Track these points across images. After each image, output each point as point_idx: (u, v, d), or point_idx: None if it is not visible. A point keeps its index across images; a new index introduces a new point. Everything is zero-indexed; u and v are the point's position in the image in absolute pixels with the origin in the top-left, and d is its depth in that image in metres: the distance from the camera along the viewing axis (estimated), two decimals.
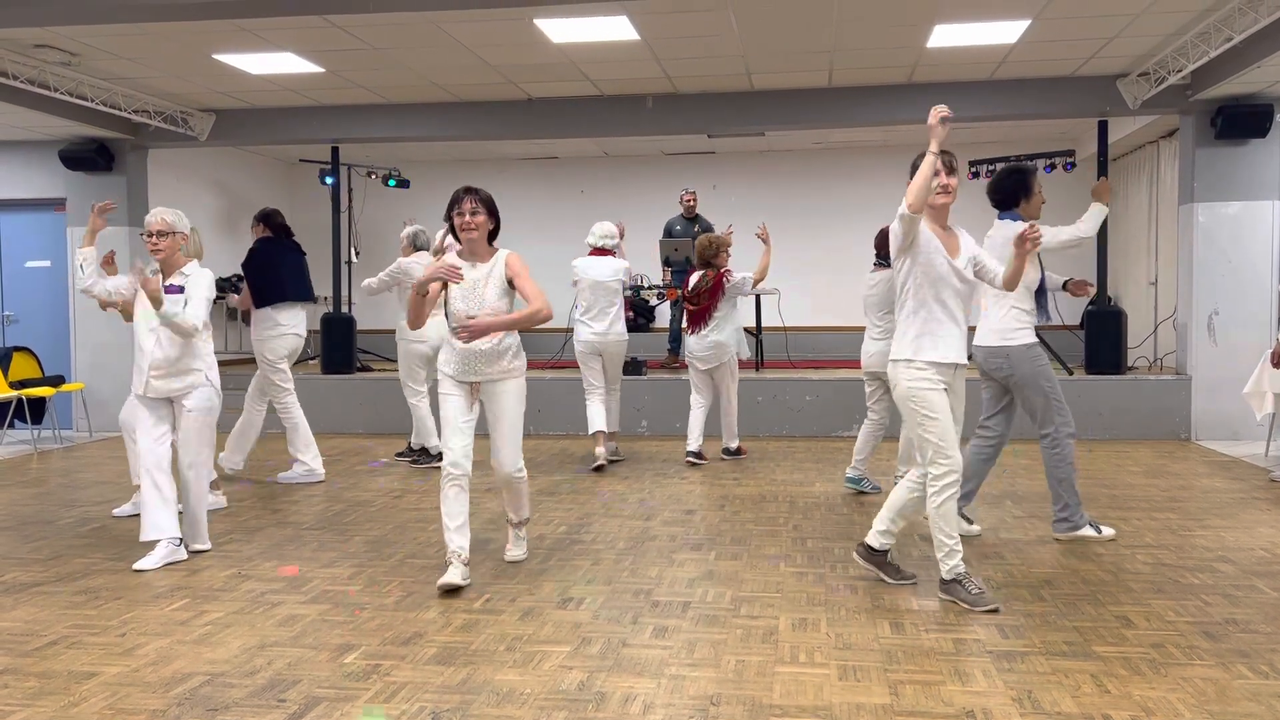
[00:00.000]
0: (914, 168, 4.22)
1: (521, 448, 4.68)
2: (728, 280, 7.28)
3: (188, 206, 10.09)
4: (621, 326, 7.54)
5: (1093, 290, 5.50)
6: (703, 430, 7.63)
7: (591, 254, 7.49)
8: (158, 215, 5.10)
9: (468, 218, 4.53)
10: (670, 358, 10.49)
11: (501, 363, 4.57)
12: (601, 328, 7.43)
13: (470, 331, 4.36)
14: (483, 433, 5.10)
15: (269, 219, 7.30)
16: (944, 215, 4.31)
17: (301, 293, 7.20)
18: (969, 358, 4.36)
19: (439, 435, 7.08)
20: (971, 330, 4.48)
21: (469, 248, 4.60)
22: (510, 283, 4.56)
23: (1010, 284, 4.34)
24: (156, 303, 4.82)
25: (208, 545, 5.26)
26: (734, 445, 7.79)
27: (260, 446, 8.24)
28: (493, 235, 4.66)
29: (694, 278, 7.42)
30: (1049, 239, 5.13)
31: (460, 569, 4.49)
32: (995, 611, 4.08)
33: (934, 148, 4.09)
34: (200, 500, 5.22)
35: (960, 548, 4.22)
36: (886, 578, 4.50)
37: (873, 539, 4.49)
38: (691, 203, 10.66)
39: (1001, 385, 5.19)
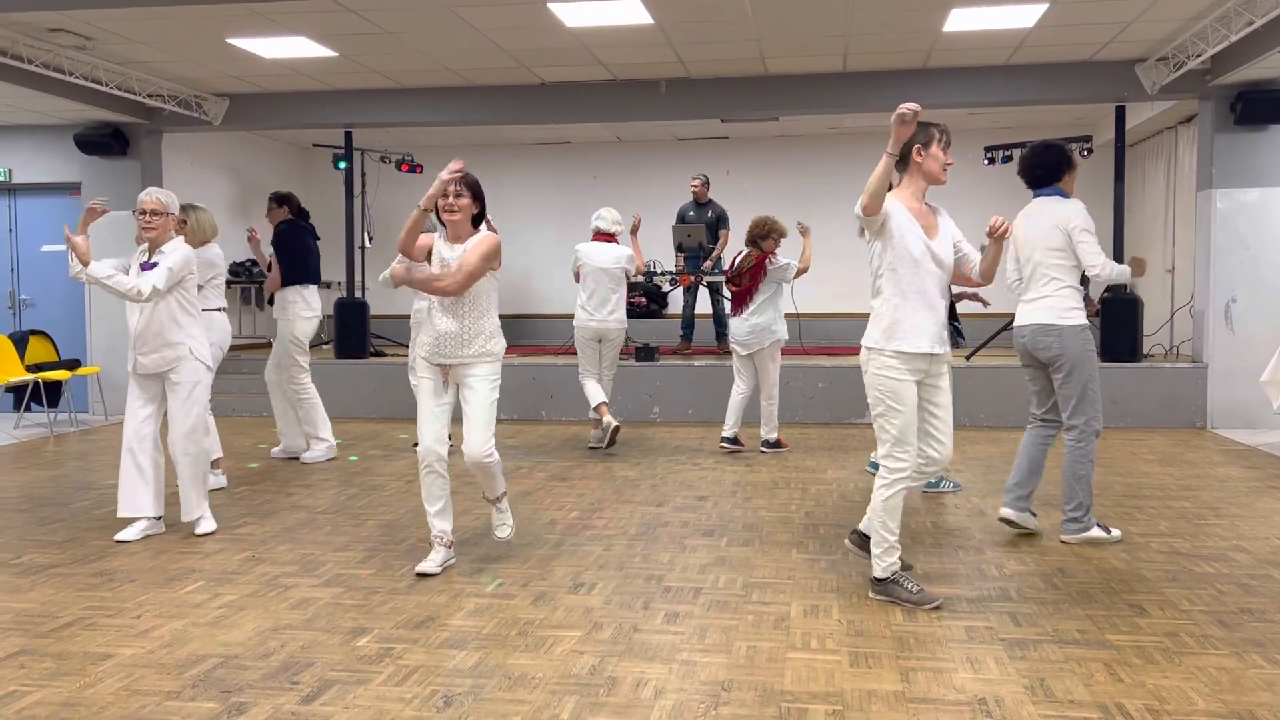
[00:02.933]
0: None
1: (492, 431, 4.54)
2: (770, 262, 7.14)
3: (201, 191, 10.15)
4: (622, 313, 7.50)
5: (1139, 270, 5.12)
6: (740, 416, 7.46)
7: (596, 239, 7.47)
8: (152, 195, 5.17)
9: (450, 199, 4.45)
10: (682, 344, 10.46)
11: (473, 346, 4.51)
12: (603, 314, 7.41)
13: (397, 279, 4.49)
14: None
15: (290, 201, 7.34)
16: (922, 193, 4.07)
17: (316, 275, 7.29)
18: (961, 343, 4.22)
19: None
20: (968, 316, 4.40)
21: (452, 230, 4.52)
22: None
23: (988, 275, 4.15)
24: (83, 260, 4.90)
25: (212, 526, 5.29)
26: (773, 436, 7.50)
27: (253, 431, 8.29)
28: (478, 219, 4.58)
29: (738, 258, 7.31)
30: (1106, 273, 4.79)
31: (441, 553, 4.55)
32: (939, 608, 3.96)
33: (891, 147, 3.83)
34: (193, 479, 5.27)
35: (898, 545, 4.06)
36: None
37: (866, 527, 4.36)
38: (698, 188, 10.60)
39: (1042, 369, 4.93)
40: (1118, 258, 9.42)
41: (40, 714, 3.09)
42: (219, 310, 6.31)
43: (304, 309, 7.14)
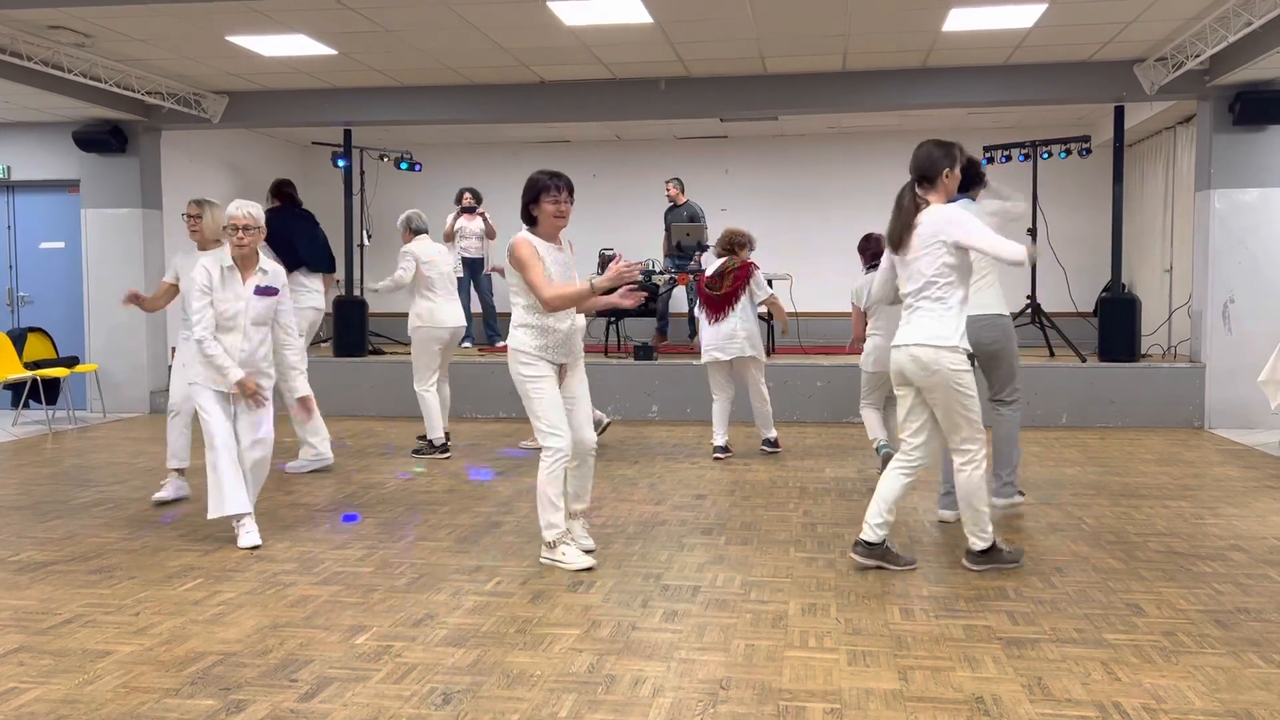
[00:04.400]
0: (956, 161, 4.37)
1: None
2: (755, 270, 7.13)
3: (200, 189, 10.13)
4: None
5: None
6: (726, 423, 7.34)
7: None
8: (242, 209, 4.96)
9: (564, 207, 4.59)
10: (658, 338, 10.66)
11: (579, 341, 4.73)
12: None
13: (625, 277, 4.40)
14: (485, 413, 5.08)
15: (278, 189, 7.35)
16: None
17: (316, 262, 7.17)
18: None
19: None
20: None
21: (557, 235, 4.65)
22: None
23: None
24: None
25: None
26: (773, 435, 7.42)
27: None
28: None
29: (717, 263, 7.25)
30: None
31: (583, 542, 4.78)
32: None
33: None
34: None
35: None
36: (890, 566, 4.45)
37: (869, 534, 4.43)
38: (673, 192, 10.68)
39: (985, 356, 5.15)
40: (1116, 257, 9.44)
41: (39, 711, 3.10)
42: None
43: (299, 297, 6.86)
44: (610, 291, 4.50)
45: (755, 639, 3.67)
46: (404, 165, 11.98)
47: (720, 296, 7.14)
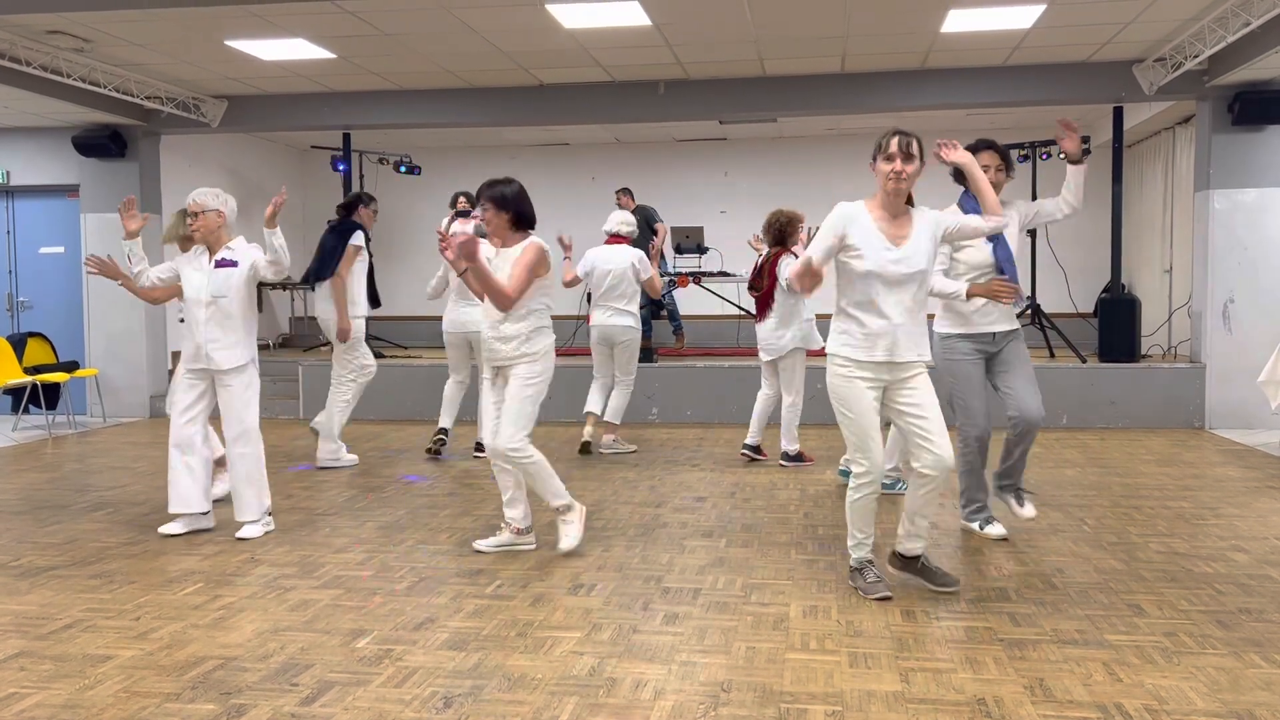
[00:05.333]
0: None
1: (523, 429, 4.70)
2: (784, 260, 6.73)
3: None
4: (630, 319, 7.30)
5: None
6: (764, 423, 7.13)
7: (608, 242, 7.44)
8: (195, 196, 5.32)
9: (480, 219, 4.86)
10: (678, 338, 10.80)
11: (509, 346, 4.77)
12: (611, 316, 7.32)
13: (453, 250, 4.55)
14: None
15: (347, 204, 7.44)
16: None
17: (306, 276, 7.31)
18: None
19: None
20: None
21: (494, 239, 4.90)
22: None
23: None
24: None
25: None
26: (793, 449, 6.99)
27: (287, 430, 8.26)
28: (516, 223, 4.84)
29: (758, 261, 7.02)
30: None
31: (503, 536, 4.96)
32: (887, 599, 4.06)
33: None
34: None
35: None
36: (926, 582, 4.24)
37: (901, 547, 4.28)
38: (622, 201, 10.64)
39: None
40: (1115, 258, 9.44)
41: (40, 716, 3.09)
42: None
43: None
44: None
45: (756, 641, 3.66)
46: (403, 169, 11.99)
47: (760, 296, 6.93)
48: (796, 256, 6.78)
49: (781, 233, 6.88)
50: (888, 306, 3.97)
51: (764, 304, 6.93)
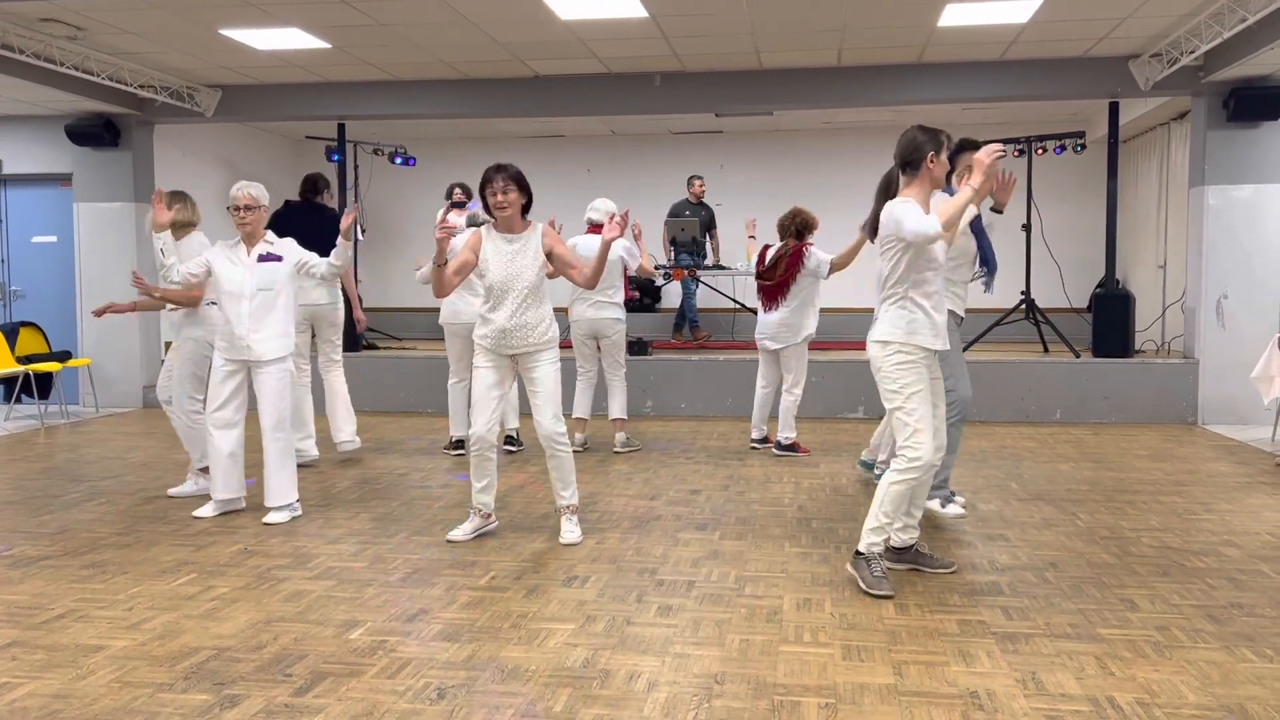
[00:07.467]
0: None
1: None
2: (807, 253, 6.83)
3: (193, 183, 10.08)
4: (617, 310, 7.10)
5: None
6: (766, 413, 7.27)
7: (590, 231, 7.27)
8: (243, 189, 5.33)
9: (500, 196, 4.68)
10: (699, 332, 10.78)
11: (534, 334, 4.79)
12: (597, 309, 7.05)
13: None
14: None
15: (306, 182, 7.40)
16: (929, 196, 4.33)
17: None
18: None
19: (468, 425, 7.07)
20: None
21: (504, 224, 4.77)
22: (549, 255, 4.81)
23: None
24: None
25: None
26: (789, 438, 7.07)
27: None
28: (526, 209, 4.81)
29: (771, 250, 7.04)
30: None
31: (475, 521, 5.03)
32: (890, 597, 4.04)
33: (977, 184, 4.13)
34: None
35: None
36: (924, 568, 4.35)
37: (894, 539, 4.35)
38: (702, 190, 10.88)
39: None
40: (1110, 253, 9.45)
41: (32, 706, 3.09)
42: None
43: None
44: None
45: (750, 634, 3.67)
46: (398, 160, 11.96)
47: (774, 285, 6.92)
48: (814, 248, 6.94)
49: (801, 229, 6.98)
50: (939, 295, 4.13)
51: (775, 294, 6.96)
